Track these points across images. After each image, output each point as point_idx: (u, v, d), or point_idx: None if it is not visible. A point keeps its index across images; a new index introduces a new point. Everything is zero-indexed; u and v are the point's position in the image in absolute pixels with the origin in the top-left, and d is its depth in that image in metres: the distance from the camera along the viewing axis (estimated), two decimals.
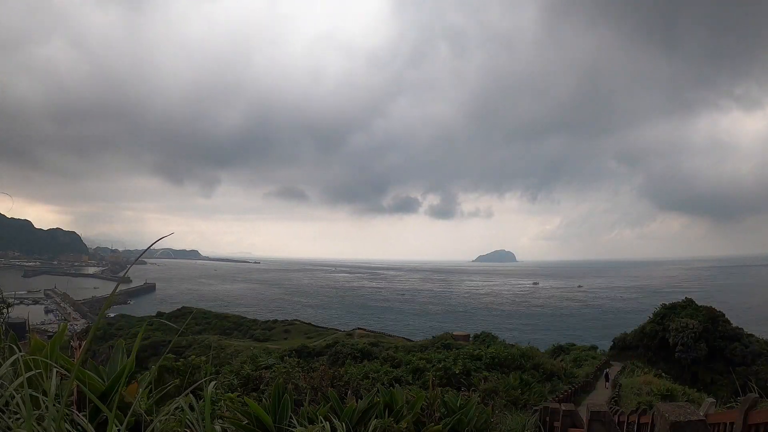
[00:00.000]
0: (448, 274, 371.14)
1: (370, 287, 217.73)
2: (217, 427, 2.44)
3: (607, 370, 30.75)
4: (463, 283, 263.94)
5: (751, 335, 40.90)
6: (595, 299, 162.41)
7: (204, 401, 1.98)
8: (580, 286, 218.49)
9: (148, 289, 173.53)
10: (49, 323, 77.36)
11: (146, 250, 1.98)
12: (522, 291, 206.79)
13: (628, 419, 7.68)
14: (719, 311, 43.02)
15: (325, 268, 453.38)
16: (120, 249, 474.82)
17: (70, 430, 1.59)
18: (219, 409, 3.60)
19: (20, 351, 1.87)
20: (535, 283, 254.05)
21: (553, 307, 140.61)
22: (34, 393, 1.68)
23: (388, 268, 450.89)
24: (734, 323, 42.39)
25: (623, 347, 46.40)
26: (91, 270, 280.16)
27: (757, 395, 4.02)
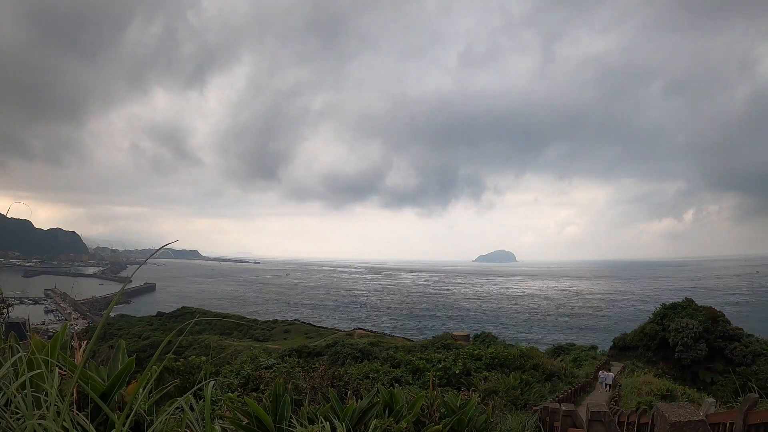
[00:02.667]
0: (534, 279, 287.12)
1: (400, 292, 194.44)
2: (217, 427, 2.45)
3: (604, 371, 27.93)
4: None
5: (751, 335, 40.89)
6: None
7: (204, 401, 1.98)
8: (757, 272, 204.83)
9: (148, 289, 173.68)
10: (49, 323, 77.19)
11: (154, 253, 1.98)
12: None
13: (628, 419, 7.68)
14: (719, 311, 43.02)
15: (327, 268, 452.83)
16: (120, 249, 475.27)
17: (71, 429, 1.60)
18: (219, 409, 3.61)
19: (21, 351, 1.88)
20: (757, 272, 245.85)
21: None
22: (35, 393, 1.68)
23: (399, 270, 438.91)
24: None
25: (623, 347, 46.39)
26: (91, 270, 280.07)
27: (757, 395, 4.03)
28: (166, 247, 1.99)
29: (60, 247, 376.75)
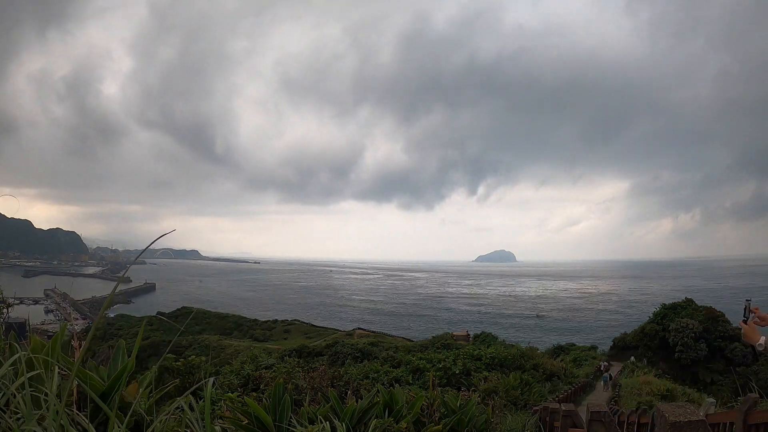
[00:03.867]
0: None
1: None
2: (217, 427, 2.44)
3: (607, 371, 29.55)
4: None
5: None
6: None
7: (204, 401, 1.98)
8: None
9: (148, 289, 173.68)
10: (49, 323, 77.26)
11: (146, 248, 1.97)
12: None
13: (628, 419, 7.69)
14: (719, 311, 43.04)
15: (332, 268, 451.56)
16: (120, 249, 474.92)
17: (71, 429, 1.60)
18: (219, 409, 3.61)
19: (20, 351, 1.88)
20: None
21: None
22: (35, 393, 1.68)
23: (405, 270, 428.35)
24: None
25: (623, 347, 46.40)
26: (91, 270, 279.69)
27: (757, 395, 4.03)
28: (163, 240, 1.98)
29: (60, 247, 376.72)
